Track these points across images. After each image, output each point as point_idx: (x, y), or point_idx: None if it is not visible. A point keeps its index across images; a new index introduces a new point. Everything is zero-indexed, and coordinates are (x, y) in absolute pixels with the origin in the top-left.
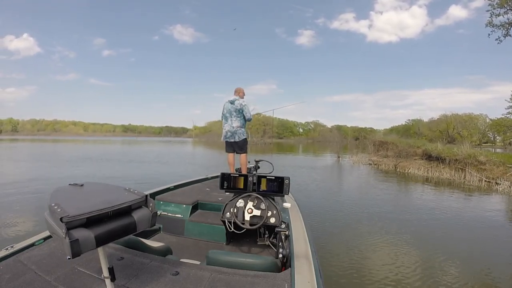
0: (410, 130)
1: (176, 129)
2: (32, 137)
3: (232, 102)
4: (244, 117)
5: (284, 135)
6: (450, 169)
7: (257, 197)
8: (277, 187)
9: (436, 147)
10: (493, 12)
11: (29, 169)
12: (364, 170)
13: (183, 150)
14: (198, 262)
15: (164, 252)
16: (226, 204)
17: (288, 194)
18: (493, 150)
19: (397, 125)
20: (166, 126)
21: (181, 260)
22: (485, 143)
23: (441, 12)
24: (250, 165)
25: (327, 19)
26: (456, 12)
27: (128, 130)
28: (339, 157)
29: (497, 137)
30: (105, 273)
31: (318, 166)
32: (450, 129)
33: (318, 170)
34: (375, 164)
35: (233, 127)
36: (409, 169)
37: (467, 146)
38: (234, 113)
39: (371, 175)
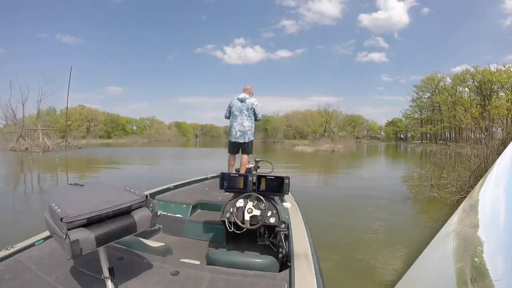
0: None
1: None
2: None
3: (242, 100)
4: (254, 117)
5: (115, 133)
6: None
7: (257, 197)
8: (277, 187)
9: None
10: None
11: None
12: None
13: None
14: (198, 262)
15: (164, 252)
16: (226, 204)
17: (288, 194)
18: None
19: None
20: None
21: (181, 260)
22: None
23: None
24: (250, 165)
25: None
26: None
27: None
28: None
29: None
30: (105, 273)
31: None
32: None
33: None
34: None
35: (244, 126)
36: None
37: None
38: (246, 112)
39: None
